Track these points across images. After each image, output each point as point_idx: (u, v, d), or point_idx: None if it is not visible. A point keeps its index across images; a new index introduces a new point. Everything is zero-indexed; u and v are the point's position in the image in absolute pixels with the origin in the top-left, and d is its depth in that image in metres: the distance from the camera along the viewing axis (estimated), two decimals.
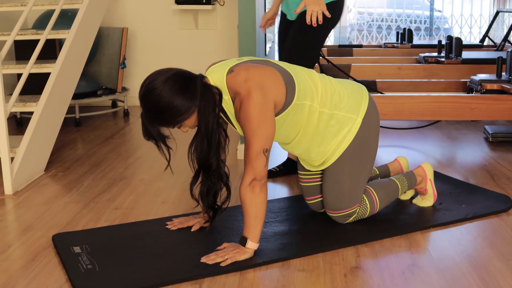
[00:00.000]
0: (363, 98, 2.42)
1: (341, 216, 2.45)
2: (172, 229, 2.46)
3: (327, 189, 2.44)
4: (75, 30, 3.72)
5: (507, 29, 6.96)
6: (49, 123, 3.46)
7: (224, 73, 2.20)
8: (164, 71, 2.13)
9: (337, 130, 2.35)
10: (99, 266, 2.13)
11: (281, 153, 3.64)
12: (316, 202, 2.58)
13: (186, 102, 2.09)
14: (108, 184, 3.17)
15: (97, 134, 4.40)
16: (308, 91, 2.29)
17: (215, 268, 2.09)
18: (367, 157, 2.43)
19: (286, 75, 2.24)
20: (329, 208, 2.46)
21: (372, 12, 8.48)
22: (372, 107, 2.43)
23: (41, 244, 2.38)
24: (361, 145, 2.39)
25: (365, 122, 2.38)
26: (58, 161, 3.64)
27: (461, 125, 4.49)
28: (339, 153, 2.38)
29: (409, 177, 2.63)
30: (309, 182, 2.57)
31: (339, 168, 2.40)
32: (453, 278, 2.03)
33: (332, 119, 2.34)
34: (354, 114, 2.37)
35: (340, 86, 2.41)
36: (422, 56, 5.24)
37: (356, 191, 2.43)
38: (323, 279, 2.04)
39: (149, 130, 2.15)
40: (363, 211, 2.47)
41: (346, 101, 2.37)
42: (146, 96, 2.10)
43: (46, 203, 2.88)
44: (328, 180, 2.44)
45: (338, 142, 2.37)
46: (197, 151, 2.18)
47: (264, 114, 2.12)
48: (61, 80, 3.57)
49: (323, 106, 2.32)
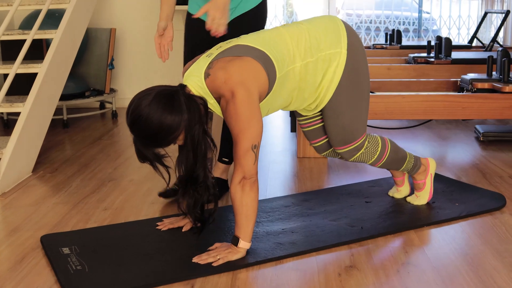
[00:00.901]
0: (339, 29, 2.33)
1: (348, 150, 2.44)
2: (163, 230, 2.42)
3: (330, 127, 2.41)
4: (63, 30, 3.68)
5: (495, 30, 6.99)
6: (36, 124, 3.41)
7: (202, 78, 2.13)
8: (145, 93, 2.06)
9: (326, 68, 2.29)
10: (89, 267, 2.08)
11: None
12: (322, 144, 2.57)
13: (175, 119, 2.03)
14: (97, 184, 3.12)
15: (85, 136, 4.35)
16: (286, 57, 2.21)
17: (207, 268, 2.05)
18: (361, 84, 2.37)
19: (260, 56, 2.15)
20: (336, 145, 2.45)
21: (361, 13, 8.48)
22: (351, 33, 2.35)
23: (29, 245, 2.33)
24: (353, 74, 2.33)
25: (350, 51, 2.31)
26: (46, 162, 3.58)
27: (452, 124, 4.48)
28: (332, 90, 2.31)
29: (416, 159, 2.62)
30: (310, 126, 2.54)
31: (336, 103, 2.34)
32: (449, 277, 2.00)
33: (318, 63, 2.27)
34: (337, 48, 2.29)
35: (312, 27, 2.31)
36: (411, 57, 5.24)
37: (358, 122, 2.40)
38: (317, 279, 2.00)
39: (144, 154, 2.12)
40: (372, 151, 2.47)
41: (324, 40, 2.29)
42: (134, 123, 2.05)
43: (34, 204, 2.83)
44: (329, 118, 2.39)
45: (329, 79, 2.30)
46: (184, 164, 2.12)
47: (251, 111, 2.07)
48: (49, 80, 3.52)
49: (305, 57, 2.24)
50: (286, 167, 3.42)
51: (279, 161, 3.53)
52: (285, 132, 4.41)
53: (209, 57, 2.19)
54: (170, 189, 2.77)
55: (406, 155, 2.59)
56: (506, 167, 3.29)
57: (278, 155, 3.70)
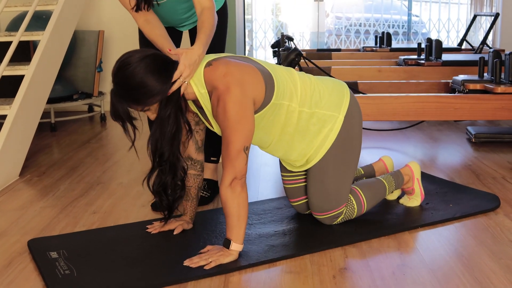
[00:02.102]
0: (344, 95, 2.34)
1: (327, 217, 2.38)
2: (153, 233, 2.37)
3: (312, 191, 2.37)
4: (50, 31, 3.63)
5: (484, 33, 7.00)
6: (23, 127, 3.35)
7: (202, 66, 2.13)
8: (144, 49, 2.09)
9: (319, 129, 2.28)
10: (77, 271, 2.03)
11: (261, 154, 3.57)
12: (301, 204, 2.51)
13: (158, 84, 2.03)
14: (85, 188, 3.06)
15: (73, 139, 4.29)
16: (287, 91, 2.22)
17: (199, 272, 2.01)
18: (351, 155, 2.36)
19: (265, 73, 2.17)
20: (315, 210, 2.39)
21: (350, 17, 8.48)
22: (354, 103, 2.36)
23: (16, 250, 2.27)
24: (345, 143, 2.32)
25: (348, 119, 2.31)
26: (33, 166, 3.52)
27: (443, 126, 4.46)
28: (322, 153, 2.31)
29: (396, 177, 2.57)
30: (293, 184, 2.50)
31: (323, 168, 2.33)
32: (446, 278, 1.97)
33: (312, 118, 2.27)
34: (335, 111, 2.30)
35: (320, 83, 2.34)
36: (402, 59, 5.22)
37: (342, 191, 2.37)
38: (311, 281, 1.96)
39: (117, 109, 2.07)
40: (350, 212, 2.40)
41: (326, 99, 2.30)
42: (119, 70, 2.03)
43: (21, 208, 2.77)
44: (312, 181, 2.36)
45: (321, 141, 2.30)
46: (151, 139, 2.12)
47: (244, 111, 2.05)
48: (36, 83, 3.46)
49: (303, 105, 2.25)
50: (278, 169, 3.37)
51: (270, 164, 3.49)
52: None
53: (217, 55, 2.21)
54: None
55: (383, 186, 2.51)
56: (499, 168, 3.27)
57: (268, 157, 3.65)
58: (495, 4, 7.12)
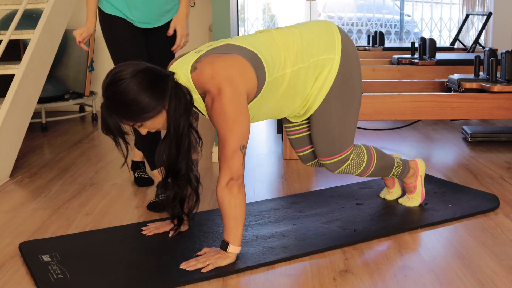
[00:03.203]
0: (334, 34, 2.24)
1: (333, 162, 2.34)
2: (148, 235, 2.32)
3: (316, 135, 2.31)
4: (41, 29, 3.56)
5: (476, 32, 6.99)
6: (14, 127, 3.29)
7: (188, 72, 2.04)
8: (135, 63, 1.98)
9: (318, 74, 2.20)
10: (71, 275, 1.98)
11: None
12: (307, 153, 2.47)
13: (153, 100, 1.95)
14: (78, 189, 3.01)
15: (64, 139, 4.23)
16: (277, 62, 2.12)
17: (196, 275, 1.96)
18: (352, 94, 2.28)
19: (251, 57, 2.06)
20: (321, 155, 2.34)
21: (342, 16, 8.45)
22: (346, 39, 2.26)
23: (7, 253, 2.21)
24: (345, 83, 2.24)
25: (344, 58, 2.23)
26: (24, 167, 3.46)
27: (438, 126, 4.43)
28: (322, 96, 2.23)
29: (404, 164, 2.53)
30: (297, 134, 2.45)
31: (326, 111, 2.26)
32: (447, 280, 1.93)
33: (310, 69, 2.18)
34: (330, 53, 2.21)
35: (305, 31, 2.23)
36: (395, 58, 5.19)
37: (346, 133, 2.31)
38: (311, 284, 1.92)
39: (108, 123, 1.99)
40: (357, 162, 2.37)
41: (317, 45, 2.20)
42: (111, 85, 1.95)
43: (12, 210, 2.71)
44: (316, 126, 2.30)
45: (320, 85, 2.21)
46: (166, 153, 2.04)
47: (238, 109, 1.99)
48: (27, 82, 3.40)
49: (296, 63, 2.16)
50: (273, 169, 3.34)
51: (266, 164, 3.45)
52: (271, 134, 4.33)
53: (198, 53, 2.11)
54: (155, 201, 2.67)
55: (393, 162, 2.50)
56: (496, 168, 3.24)
57: (264, 157, 3.61)
58: (487, 4, 7.11)
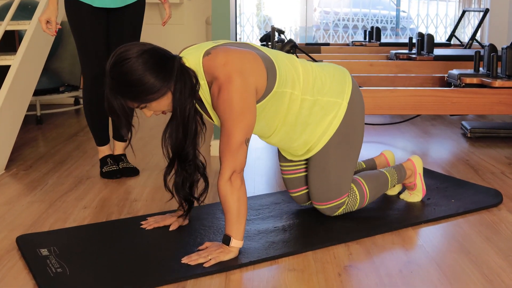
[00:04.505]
0: (346, 81, 2.26)
1: (329, 208, 2.30)
2: (148, 229, 2.28)
3: (313, 179, 2.29)
4: (37, 21, 3.50)
5: (473, 28, 6.96)
6: (8, 119, 3.24)
7: (200, 56, 2.01)
8: (141, 43, 1.95)
9: (322, 117, 2.20)
10: (70, 269, 1.93)
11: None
12: (301, 194, 2.43)
13: (158, 81, 1.91)
14: (74, 182, 2.96)
15: (59, 132, 4.18)
16: (290, 78, 2.12)
17: (198, 270, 1.92)
18: (354, 143, 2.28)
19: (267, 60, 2.07)
20: (316, 200, 2.31)
21: (338, 11, 8.41)
22: (356, 89, 2.28)
23: (3, 247, 2.16)
24: (348, 131, 2.24)
25: (351, 106, 2.23)
26: (20, 160, 3.41)
27: (437, 121, 4.41)
28: (325, 140, 2.22)
29: (398, 170, 2.50)
30: (293, 174, 2.41)
31: (326, 156, 2.24)
32: (455, 276, 1.90)
33: (315, 106, 2.18)
34: (338, 98, 2.21)
35: (321, 70, 2.25)
36: (393, 53, 5.16)
37: (344, 179, 2.29)
38: (316, 279, 1.88)
39: (111, 104, 1.95)
40: (352, 202, 2.33)
41: (329, 86, 2.21)
42: (116, 65, 1.90)
43: (7, 203, 2.66)
44: (314, 169, 2.28)
45: (324, 128, 2.21)
46: (172, 139, 2.02)
47: (246, 101, 1.95)
48: (22, 74, 3.35)
49: (305, 93, 2.16)
50: (272, 163, 3.30)
51: (264, 157, 3.41)
52: None
53: (215, 42, 2.10)
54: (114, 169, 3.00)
55: (386, 178, 2.45)
56: (497, 163, 3.22)
57: (262, 151, 3.57)
58: (483, 1, 7.09)
